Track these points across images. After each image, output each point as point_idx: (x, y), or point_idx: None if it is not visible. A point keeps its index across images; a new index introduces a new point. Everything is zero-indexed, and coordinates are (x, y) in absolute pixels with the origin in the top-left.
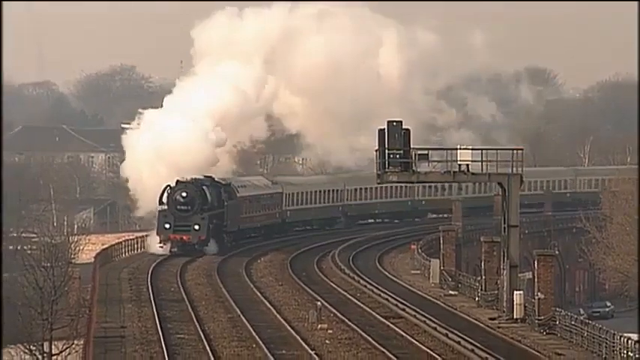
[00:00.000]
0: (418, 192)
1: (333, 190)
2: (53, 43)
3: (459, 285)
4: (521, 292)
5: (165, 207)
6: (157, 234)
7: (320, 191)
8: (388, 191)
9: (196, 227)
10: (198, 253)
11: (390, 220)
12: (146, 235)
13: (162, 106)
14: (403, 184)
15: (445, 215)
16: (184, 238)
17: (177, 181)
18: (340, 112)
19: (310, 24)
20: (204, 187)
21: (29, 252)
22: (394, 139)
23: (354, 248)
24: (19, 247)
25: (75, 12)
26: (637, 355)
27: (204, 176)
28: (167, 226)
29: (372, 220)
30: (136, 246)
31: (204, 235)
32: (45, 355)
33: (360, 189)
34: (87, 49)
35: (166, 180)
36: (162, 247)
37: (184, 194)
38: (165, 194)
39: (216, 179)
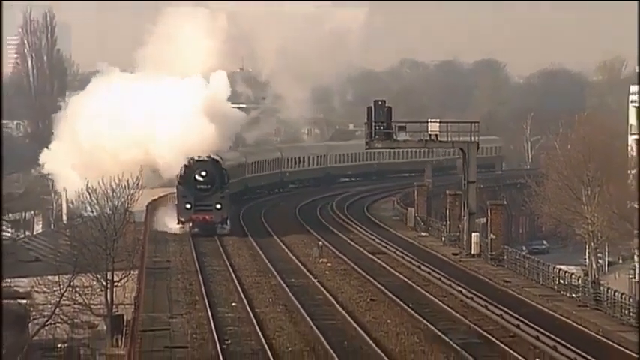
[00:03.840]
0: (284, 166)
1: (239, 165)
2: (112, 35)
3: (429, 228)
4: (478, 233)
5: (182, 187)
6: (178, 215)
7: (237, 165)
8: (266, 165)
9: (218, 206)
10: (214, 233)
11: (265, 192)
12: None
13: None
14: (273, 160)
15: (303, 185)
16: (207, 218)
17: (192, 159)
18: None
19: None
20: (221, 166)
21: (96, 202)
22: (379, 114)
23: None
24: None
25: (129, 13)
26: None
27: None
28: (188, 206)
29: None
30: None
31: (226, 213)
32: (108, 281)
33: (255, 163)
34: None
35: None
36: (182, 227)
37: (204, 173)
38: (182, 173)
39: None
